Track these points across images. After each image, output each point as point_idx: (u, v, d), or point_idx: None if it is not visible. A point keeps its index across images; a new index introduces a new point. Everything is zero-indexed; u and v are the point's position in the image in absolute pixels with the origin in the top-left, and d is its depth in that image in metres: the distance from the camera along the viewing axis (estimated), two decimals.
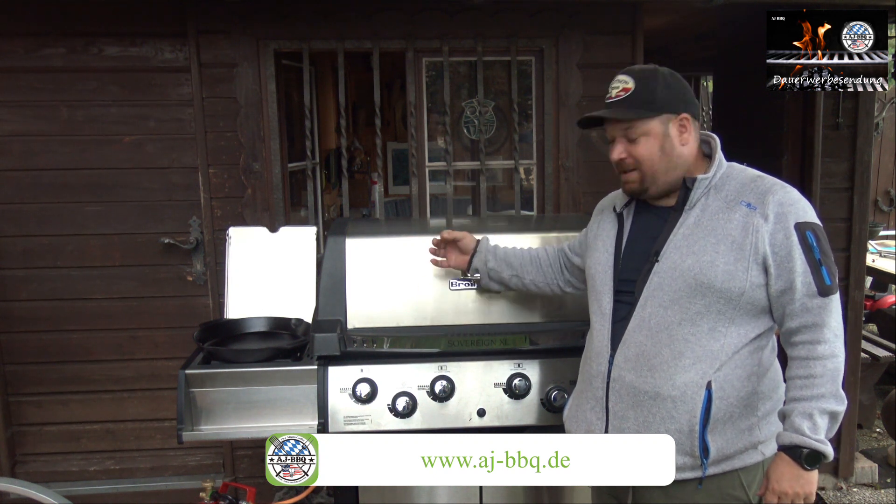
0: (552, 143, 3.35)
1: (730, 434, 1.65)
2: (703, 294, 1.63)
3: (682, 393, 1.64)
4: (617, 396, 1.73)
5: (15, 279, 3.20)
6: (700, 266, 1.63)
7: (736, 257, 1.61)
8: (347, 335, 2.11)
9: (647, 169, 1.71)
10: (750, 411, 1.66)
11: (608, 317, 1.77)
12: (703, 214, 1.67)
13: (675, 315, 1.66)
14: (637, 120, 1.68)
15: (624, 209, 1.85)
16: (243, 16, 3.11)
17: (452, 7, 3.18)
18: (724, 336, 1.64)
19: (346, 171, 3.75)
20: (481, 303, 2.20)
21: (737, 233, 1.62)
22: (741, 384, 1.64)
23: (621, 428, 1.72)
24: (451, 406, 2.10)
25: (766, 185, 1.65)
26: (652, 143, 1.69)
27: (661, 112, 1.68)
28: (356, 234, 2.25)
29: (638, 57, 3.30)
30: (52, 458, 3.34)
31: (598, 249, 1.87)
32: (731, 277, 1.61)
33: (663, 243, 1.70)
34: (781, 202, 1.61)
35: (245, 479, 3.32)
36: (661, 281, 1.68)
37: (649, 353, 1.68)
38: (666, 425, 1.66)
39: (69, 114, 3.13)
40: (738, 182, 1.68)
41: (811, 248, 1.58)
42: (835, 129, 3.70)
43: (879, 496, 3.77)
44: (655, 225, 1.76)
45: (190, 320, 3.15)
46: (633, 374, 1.70)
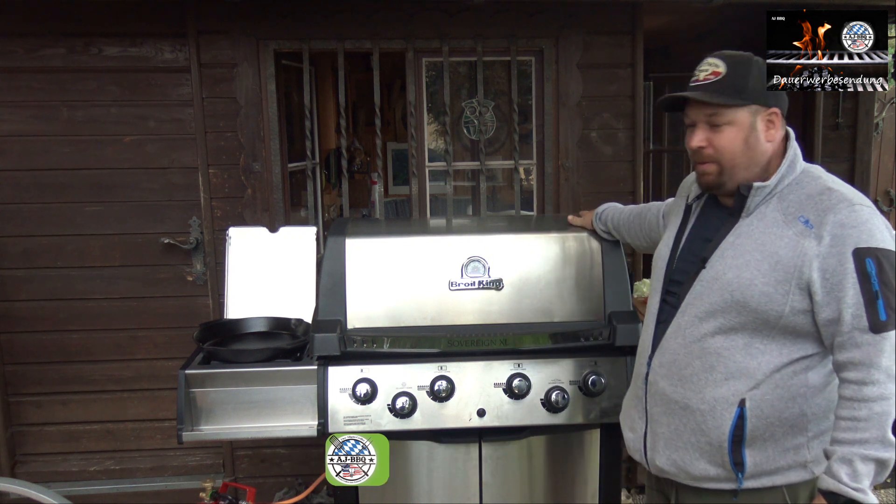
0: (552, 143, 3.35)
1: (771, 451, 1.58)
2: (739, 311, 1.55)
3: (711, 408, 1.59)
4: (653, 400, 1.71)
5: (15, 279, 3.20)
6: (739, 282, 1.54)
7: (777, 279, 1.50)
8: (347, 335, 2.11)
9: (728, 162, 1.59)
10: (798, 431, 1.56)
11: (654, 316, 1.74)
12: (758, 224, 1.57)
13: (710, 327, 1.59)
14: (725, 106, 1.56)
15: (695, 201, 1.77)
16: (243, 16, 3.11)
17: (452, 7, 3.18)
18: (762, 354, 1.55)
19: (346, 171, 3.75)
20: (481, 303, 2.20)
21: (784, 252, 1.50)
22: (784, 405, 1.55)
23: (657, 432, 1.70)
24: (450, 406, 2.10)
25: (832, 201, 1.50)
26: (736, 133, 1.57)
27: (751, 102, 1.57)
28: (356, 234, 2.25)
29: (638, 57, 3.30)
30: (52, 458, 3.34)
31: (663, 240, 1.82)
32: (769, 300, 1.51)
33: (713, 249, 1.62)
34: (843, 223, 1.46)
35: (245, 479, 3.32)
36: (703, 290, 1.61)
37: (681, 362, 1.63)
38: (696, 437, 1.62)
39: (69, 114, 3.13)
40: (805, 193, 1.55)
41: (869, 278, 1.42)
42: (835, 129, 3.71)
43: (879, 496, 3.77)
44: (714, 225, 1.67)
45: (190, 320, 3.15)
46: (665, 381, 1.67)
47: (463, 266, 2.20)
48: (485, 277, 2.19)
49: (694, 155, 1.64)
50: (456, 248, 2.22)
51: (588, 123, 3.34)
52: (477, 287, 2.20)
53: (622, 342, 2.11)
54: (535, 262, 2.22)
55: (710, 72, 1.58)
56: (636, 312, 2.19)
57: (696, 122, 1.61)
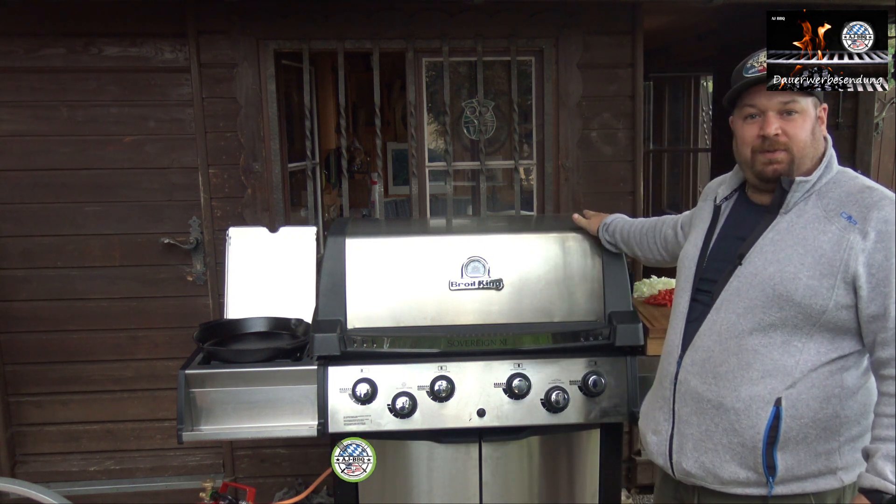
0: (552, 143, 3.35)
1: (803, 455, 1.55)
2: (781, 306, 1.53)
3: (747, 406, 1.56)
4: (682, 400, 1.68)
5: (15, 279, 3.20)
6: (781, 276, 1.53)
7: (822, 273, 1.50)
8: (347, 335, 2.11)
9: (799, 150, 1.58)
10: (830, 435, 1.55)
11: (683, 315, 1.71)
12: (797, 220, 1.57)
13: (748, 323, 1.57)
14: (801, 93, 1.58)
15: (724, 202, 1.76)
16: (243, 16, 3.11)
17: (452, 7, 3.18)
18: (800, 352, 1.54)
19: (346, 171, 3.75)
20: (481, 303, 2.20)
21: (828, 247, 1.50)
22: (818, 405, 1.53)
23: (685, 433, 1.67)
24: (450, 406, 2.10)
25: (875, 198, 1.52)
26: (807, 122, 1.59)
27: (814, 94, 1.60)
28: (356, 234, 2.25)
29: (638, 57, 3.30)
30: (52, 458, 3.34)
31: (690, 241, 1.80)
32: (814, 294, 1.50)
33: (750, 246, 1.61)
34: (887, 220, 1.47)
35: (245, 479, 3.32)
36: (740, 286, 1.59)
37: (716, 359, 1.61)
38: (729, 437, 1.59)
39: (69, 114, 3.13)
40: (844, 191, 1.56)
41: None
42: (835, 129, 3.70)
43: None
44: (749, 224, 1.66)
45: (190, 320, 3.16)
46: (698, 379, 1.64)
47: (463, 266, 2.20)
48: (485, 277, 2.19)
49: (766, 143, 1.60)
50: (456, 248, 2.22)
51: (588, 123, 3.34)
52: (477, 287, 2.20)
53: (622, 342, 2.11)
54: (535, 262, 2.22)
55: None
56: (636, 312, 2.19)
57: (767, 110, 1.59)
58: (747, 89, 1.62)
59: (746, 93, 1.63)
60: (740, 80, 1.63)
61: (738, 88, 1.64)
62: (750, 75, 1.61)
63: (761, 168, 1.62)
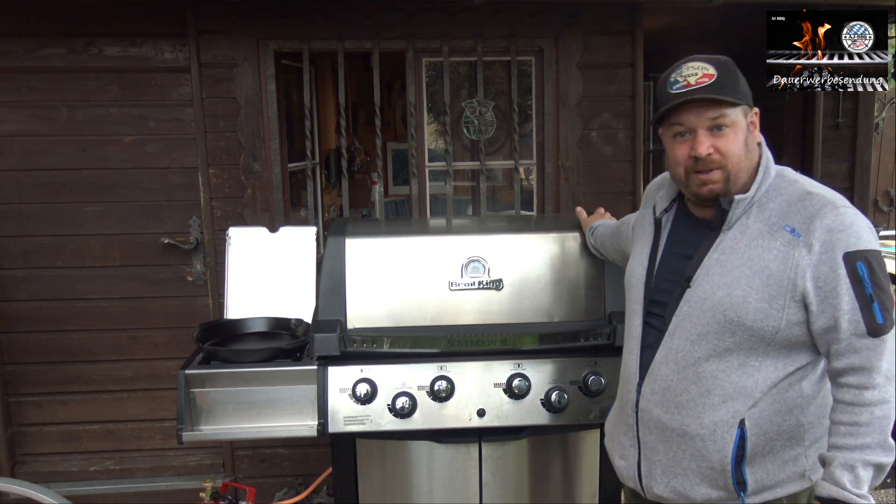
0: (552, 143, 3.35)
1: (771, 466, 1.55)
2: (733, 332, 1.50)
3: (712, 432, 1.54)
4: (646, 429, 1.66)
5: (15, 279, 3.20)
6: (731, 301, 1.49)
7: (771, 294, 1.46)
8: (347, 335, 2.11)
9: (734, 166, 1.52)
10: (795, 442, 1.54)
11: (637, 340, 1.68)
12: (741, 237, 1.52)
13: (703, 350, 1.54)
14: (731, 106, 1.50)
15: (664, 214, 1.70)
16: (243, 16, 3.11)
17: (452, 7, 3.18)
18: (758, 371, 1.51)
19: (346, 171, 3.75)
20: (481, 303, 2.20)
21: (775, 265, 1.46)
22: (781, 418, 1.52)
23: (652, 460, 1.65)
24: (450, 406, 2.10)
25: (816, 206, 1.46)
26: (739, 134, 1.51)
27: (744, 102, 1.53)
28: (356, 234, 2.25)
29: (638, 57, 3.30)
30: (52, 458, 3.34)
31: (635, 257, 1.76)
32: (765, 316, 1.47)
33: (696, 267, 1.56)
34: (830, 228, 1.43)
35: (245, 479, 3.32)
36: (691, 311, 1.56)
37: (676, 389, 1.58)
38: (697, 462, 1.58)
39: (69, 114, 3.13)
40: (785, 200, 1.51)
41: (861, 282, 1.40)
42: (835, 129, 3.71)
43: (879, 496, 3.76)
44: (692, 241, 1.61)
45: (190, 320, 3.15)
46: (660, 408, 1.61)
47: (463, 266, 2.20)
48: (485, 277, 2.19)
49: (698, 164, 1.53)
50: (456, 248, 2.22)
51: (588, 123, 3.34)
52: (477, 287, 2.20)
53: (622, 342, 2.10)
54: (534, 262, 2.22)
55: (702, 74, 1.51)
56: None
57: (696, 128, 1.52)
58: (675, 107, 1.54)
59: (674, 110, 1.55)
60: (665, 95, 1.55)
61: (665, 109, 1.55)
62: (675, 91, 1.52)
63: (696, 189, 1.56)
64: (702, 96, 1.49)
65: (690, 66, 1.53)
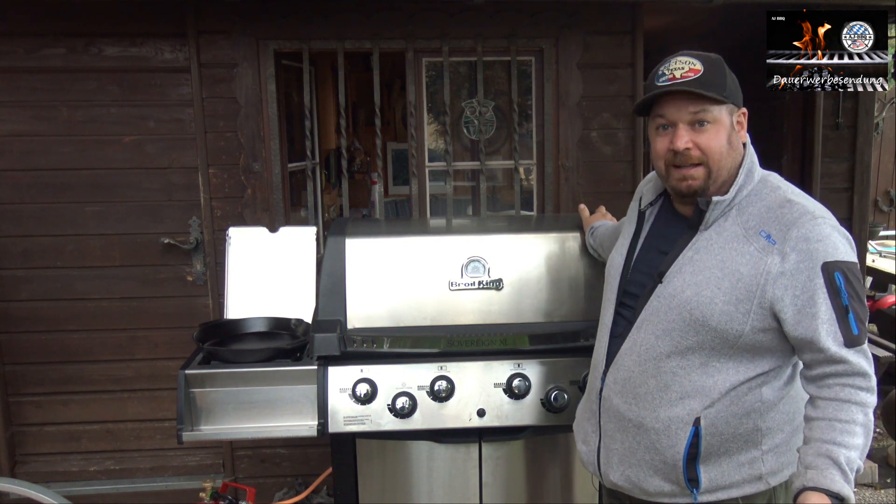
0: (552, 143, 3.35)
1: (726, 466, 1.56)
2: (697, 331, 1.51)
3: (666, 427, 1.56)
4: (607, 416, 1.68)
5: (15, 279, 3.20)
6: (698, 300, 1.50)
7: (738, 298, 1.46)
8: (347, 335, 2.11)
9: (715, 164, 1.52)
10: (752, 446, 1.55)
11: (607, 329, 1.69)
12: (717, 238, 1.52)
13: (666, 346, 1.55)
14: (714, 102, 1.50)
15: (649, 207, 1.71)
16: (243, 16, 3.11)
17: (452, 7, 3.18)
18: (719, 372, 1.52)
19: (346, 171, 3.75)
20: (481, 303, 2.20)
21: (746, 270, 1.46)
22: (738, 422, 1.52)
23: (610, 448, 1.68)
24: (450, 406, 2.10)
25: (794, 214, 1.46)
26: (721, 132, 1.51)
27: (730, 100, 1.52)
28: (356, 234, 2.25)
29: (638, 57, 3.30)
30: (52, 458, 3.34)
31: (616, 248, 1.77)
32: (730, 319, 1.47)
33: (670, 264, 1.57)
34: (807, 238, 1.42)
35: (245, 479, 3.32)
36: (659, 306, 1.56)
37: (636, 380, 1.59)
38: (650, 455, 1.59)
39: (69, 114, 3.13)
40: (765, 205, 1.51)
41: (838, 293, 1.39)
42: (835, 129, 3.71)
43: (879, 496, 3.77)
44: (670, 237, 1.62)
45: (190, 320, 3.16)
46: (619, 398, 1.63)
47: (463, 266, 2.20)
48: (485, 277, 2.19)
49: (677, 158, 1.53)
50: (456, 248, 2.22)
51: (588, 123, 3.34)
52: (477, 287, 2.20)
53: None
54: (534, 262, 2.22)
55: (688, 69, 1.50)
56: None
57: (677, 122, 1.52)
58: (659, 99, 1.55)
59: (657, 102, 1.55)
60: (651, 87, 1.55)
61: (648, 99, 1.56)
62: (661, 84, 1.52)
63: (675, 184, 1.57)
64: (683, 89, 1.50)
65: (678, 61, 1.53)
